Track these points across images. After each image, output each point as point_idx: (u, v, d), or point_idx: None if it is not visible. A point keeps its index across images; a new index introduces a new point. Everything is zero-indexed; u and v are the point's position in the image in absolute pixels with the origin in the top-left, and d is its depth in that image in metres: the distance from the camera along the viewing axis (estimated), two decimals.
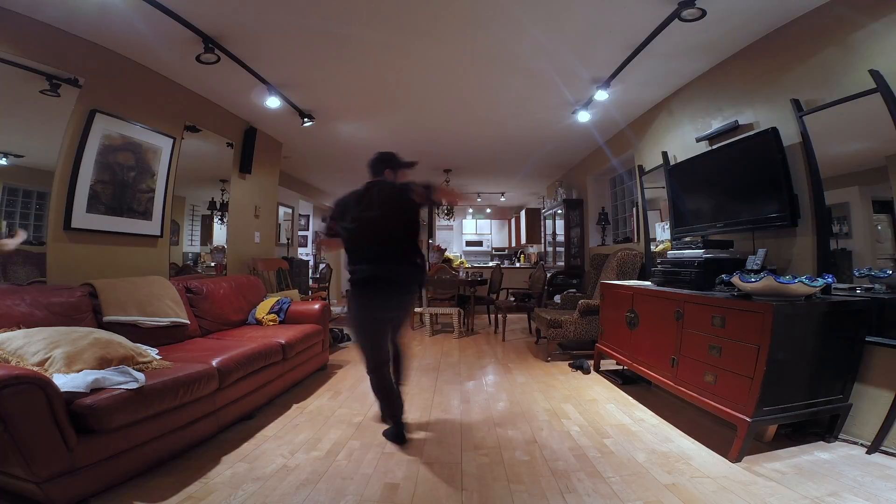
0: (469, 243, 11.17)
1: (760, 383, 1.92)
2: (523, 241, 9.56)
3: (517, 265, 9.22)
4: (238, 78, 3.39)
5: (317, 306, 3.68)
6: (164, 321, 2.70)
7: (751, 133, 2.80)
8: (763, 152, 2.62)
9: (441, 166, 6.78)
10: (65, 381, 1.61)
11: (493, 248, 11.23)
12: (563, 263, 6.38)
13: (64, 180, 2.71)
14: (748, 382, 1.98)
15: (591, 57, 3.12)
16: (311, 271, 7.96)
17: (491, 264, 8.66)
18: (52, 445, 1.47)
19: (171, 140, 3.47)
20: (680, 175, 3.47)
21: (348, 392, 3.11)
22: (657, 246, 3.96)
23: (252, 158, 4.55)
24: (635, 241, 4.61)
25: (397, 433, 2.26)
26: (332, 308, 4.60)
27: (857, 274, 2.25)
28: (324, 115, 4.37)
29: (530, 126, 4.74)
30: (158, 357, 2.17)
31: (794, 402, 2.02)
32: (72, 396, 1.57)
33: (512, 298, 6.01)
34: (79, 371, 1.73)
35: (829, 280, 2.04)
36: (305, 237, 9.85)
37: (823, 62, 2.37)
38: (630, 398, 2.95)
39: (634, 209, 4.66)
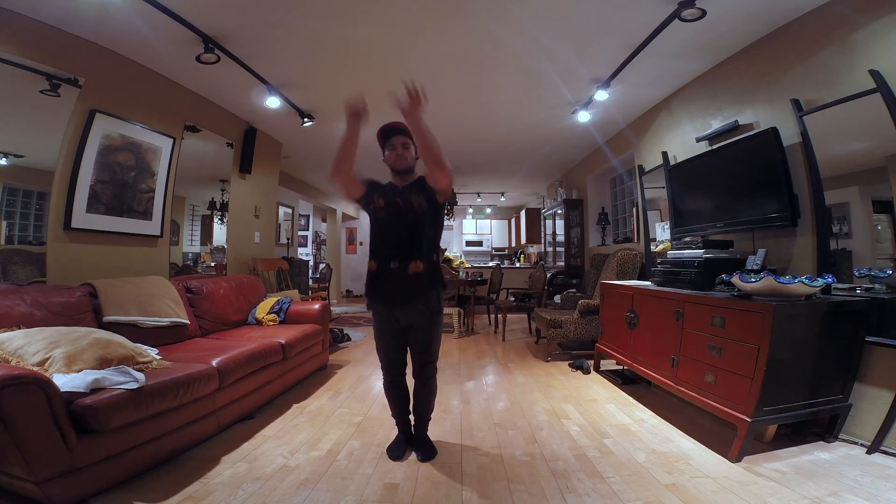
0: (469, 243, 11.17)
1: (760, 383, 1.92)
2: (523, 241, 9.56)
3: (517, 265, 9.22)
4: (238, 78, 3.39)
5: (317, 306, 3.68)
6: (164, 321, 2.70)
7: (751, 133, 2.80)
8: (763, 152, 2.61)
9: None
10: (65, 381, 1.61)
11: (493, 248, 11.23)
12: (563, 263, 6.38)
13: (64, 180, 2.71)
14: (748, 382, 1.98)
15: (591, 57, 3.12)
16: (311, 271, 7.97)
17: (491, 264, 8.67)
18: (52, 445, 1.47)
19: (171, 140, 3.47)
20: (680, 175, 3.47)
21: (348, 392, 3.11)
22: (657, 246, 3.96)
23: (252, 158, 4.55)
24: (635, 241, 4.61)
25: (395, 443, 2.15)
26: (332, 308, 4.60)
27: (857, 274, 2.25)
28: (324, 115, 4.36)
29: (530, 126, 4.74)
30: (158, 357, 2.17)
31: (794, 402, 2.02)
32: (72, 396, 1.57)
33: (512, 298, 6.00)
34: (79, 371, 1.73)
35: (829, 280, 2.04)
36: (305, 237, 9.86)
37: (823, 62, 2.37)
38: (630, 398, 2.95)
39: (634, 209, 4.66)
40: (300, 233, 9.28)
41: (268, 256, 4.96)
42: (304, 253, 9.61)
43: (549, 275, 6.03)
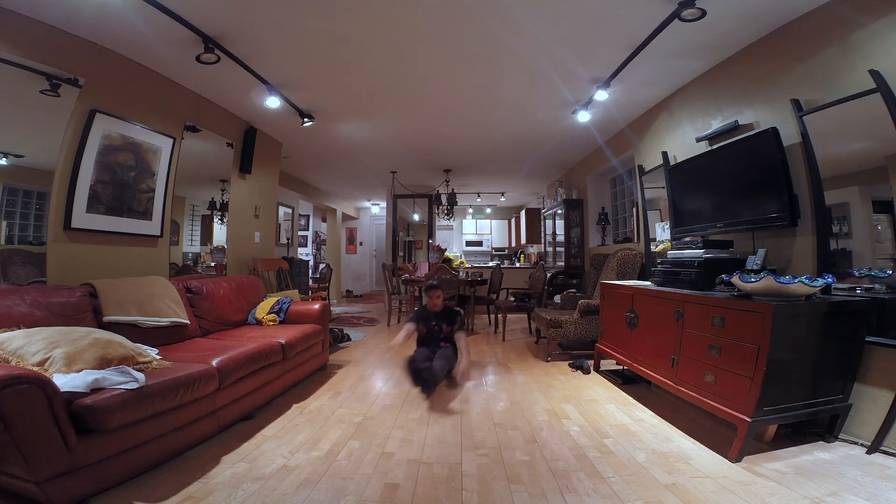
0: (469, 243, 11.17)
1: (760, 383, 1.92)
2: (523, 241, 9.55)
3: (517, 265, 9.21)
4: (238, 78, 3.39)
5: (317, 306, 3.68)
6: (164, 321, 2.70)
7: (751, 133, 2.80)
8: (763, 152, 2.61)
9: (441, 166, 6.78)
10: (65, 381, 1.61)
11: (493, 248, 11.22)
12: (563, 263, 6.38)
13: (64, 180, 2.71)
14: (748, 382, 1.98)
15: (591, 57, 3.12)
16: (310, 271, 7.97)
17: (491, 264, 8.66)
18: (52, 445, 1.47)
19: (171, 140, 3.47)
20: (680, 175, 3.47)
21: (348, 392, 3.11)
22: (657, 246, 3.96)
23: (252, 158, 4.56)
24: (635, 241, 4.61)
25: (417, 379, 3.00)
26: (332, 308, 4.59)
27: (857, 274, 2.25)
28: (324, 115, 4.37)
29: (530, 126, 4.74)
30: (158, 357, 2.17)
31: (794, 402, 2.02)
32: (72, 396, 1.57)
33: (512, 298, 6.00)
34: (79, 371, 1.73)
35: (829, 280, 2.04)
36: (305, 237, 9.86)
37: (823, 62, 2.37)
38: (630, 398, 2.95)
39: (634, 209, 4.66)
40: (300, 233, 9.28)
41: (268, 256, 4.97)
42: (304, 253, 9.61)
43: (549, 275, 6.03)
